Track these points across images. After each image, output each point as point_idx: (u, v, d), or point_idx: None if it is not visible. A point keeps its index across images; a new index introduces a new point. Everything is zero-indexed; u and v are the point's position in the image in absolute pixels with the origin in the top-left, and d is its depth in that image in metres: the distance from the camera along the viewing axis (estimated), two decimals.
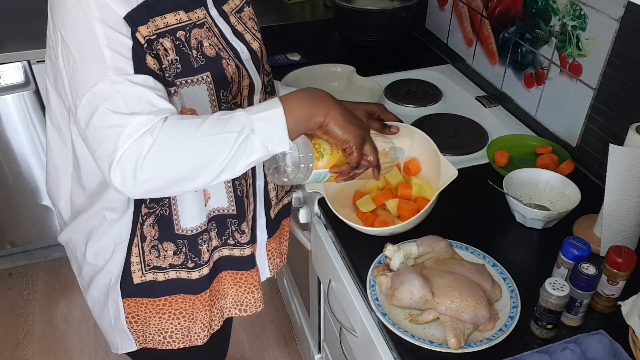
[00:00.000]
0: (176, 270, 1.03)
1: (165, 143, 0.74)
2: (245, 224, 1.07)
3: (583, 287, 0.90)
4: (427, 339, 0.91)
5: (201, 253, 1.03)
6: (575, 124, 1.33)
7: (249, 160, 0.79)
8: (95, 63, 0.76)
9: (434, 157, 1.12)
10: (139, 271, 1.01)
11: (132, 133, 0.74)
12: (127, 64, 0.78)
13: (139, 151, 0.73)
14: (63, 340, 2.13)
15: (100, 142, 0.75)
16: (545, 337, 0.93)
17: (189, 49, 0.86)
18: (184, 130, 0.76)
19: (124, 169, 0.74)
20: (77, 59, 0.77)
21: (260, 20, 2.14)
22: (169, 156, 0.75)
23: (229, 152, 0.76)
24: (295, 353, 2.05)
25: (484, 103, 1.60)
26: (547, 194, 1.20)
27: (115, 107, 0.75)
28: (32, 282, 2.36)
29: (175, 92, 0.87)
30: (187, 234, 1.00)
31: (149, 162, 0.74)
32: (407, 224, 1.05)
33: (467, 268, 0.98)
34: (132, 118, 0.74)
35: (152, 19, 0.82)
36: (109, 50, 0.77)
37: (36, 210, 2.29)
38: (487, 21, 1.61)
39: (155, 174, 0.75)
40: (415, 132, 1.15)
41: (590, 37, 1.23)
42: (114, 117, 0.74)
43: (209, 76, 0.89)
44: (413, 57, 1.92)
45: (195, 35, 0.87)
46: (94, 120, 0.75)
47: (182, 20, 0.86)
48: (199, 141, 0.76)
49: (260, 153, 0.79)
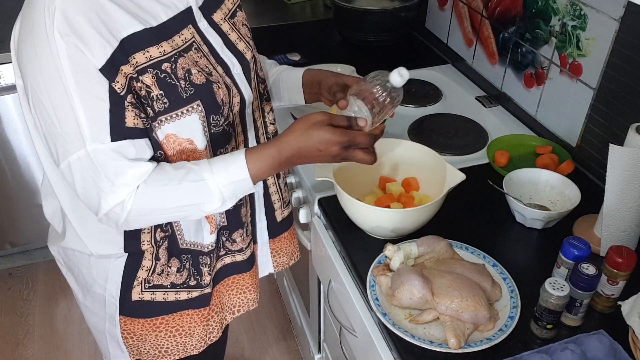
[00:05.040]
0: (176, 291, 1.02)
1: (138, 211, 0.84)
2: (237, 233, 1.06)
3: (583, 287, 0.90)
4: (427, 339, 0.91)
5: (202, 274, 1.03)
6: (575, 124, 1.33)
7: (221, 211, 0.90)
8: (72, 131, 0.78)
9: (438, 166, 1.13)
10: (139, 286, 1.00)
11: (108, 204, 0.83)
12: (104, 131, 0.79)
13: (116, 219, 0.85)
14: (63, 340, 2.12)
15: (84, 199, 0.84)
16: (545, 337, 0.93)
17: (177, 80, 0.84)
18: (155, 200, 0.85)
19: (109, 223, 0.87)
20: (54, 121, 0.78)
21: (260, 20, 2.12)
22: (144, 220, 0.88)
23: (201, 213, 0.89)
24: (295, 353, 2.05)
25: (484, 103, 1.60)
26: (547, 194, 1.20)
27: (93, 176, 0.81)
28: (32, 282, 2.36)
29: (158, 125, 0.85)
30: (191, 249, 1.00)
31: (128, 224, 0.86)
32: (425, 207, 1.05)
33: (467, 268, 0.98)
34: (107, 192, 0.82)
35: (132, 55, 0.80)
36: (86, 119, 0.78)
37: (36, 210, 2.28)
38: (487, 21, 1.61)
39: (138, 225, 0.90)
40: (416, 146, 1.18)
41: (591, 37, 1.23)
42: (92, 186, 0.82)
43: (199, 104, 0.87)
44: (413, 57, 1.92)
45: (182, 64, 0.84)
46: (76, 185, 0.82)
47: (167, 51, 0.83)
48: (170, 209, 0.87)
49: (230, 205, 0.90)
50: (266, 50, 1.26)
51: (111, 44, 0.77)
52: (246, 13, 1.03)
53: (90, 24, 0.76)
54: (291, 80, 1.13)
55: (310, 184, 1.29)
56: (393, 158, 1.21)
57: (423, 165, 1.19)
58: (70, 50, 0.75)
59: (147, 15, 0.82)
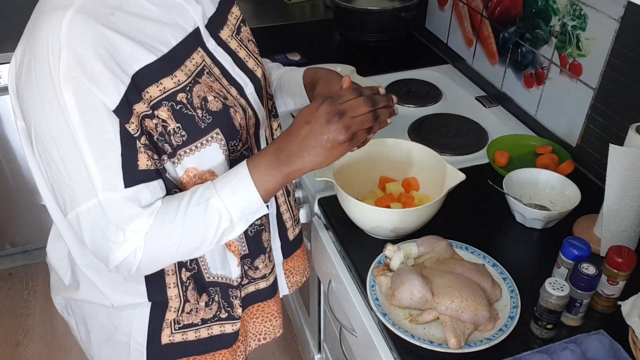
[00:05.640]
0: (208, 326, 0.97)
1: (150, 257, 0.78)
2: (259, 260, 1.00)
3: (583, 287, 0.90)
4: (427, 339, 0.91)
5: (234, 306, 0.98)
6: (575, 124, 1.33)
7: (233, 236, 0.81)
8: (82, 181, 0.72)
9: (438, 166, 1.14)
10: (168, 328, 0.93)
11: (120, 256, 0.76)
12: (116, 178, 0.73)
13: (128, 268, 0.78)
14: (63, 340, 2.12)
15: (93, 250, 0.78)
16: (545, 337, 0.93)
17: (193, 110, 0.78)
18: (165, 238, 0.78)
19: (121, 273, 0.79)
20: (61, 170, 0.72)
21: (260, 20, 2.13)
22: (158, 263, 0.81)
23: (212, 240, 0.80)
24: (295, 353, 2.05)
25: (484, 103, 1.60)
26: (547, 194, 1.20)
27: (103, 227, 0.74)
28: (32, 282, 2.36)
29: (178, 160, 0.80)
30: (219, 281, 0.95)
31: (140, 272, 0.79)
32: (425, 207, 1.05)
33: (467, 268, 0.98)
34: (118, 243, 0.75)
35: (145, 90, 0.74)
36: (97, 166, 0.71)
37: (36, 210, 2.29)
38: (487, 21, 1.61)
39: (151, 270, 0.82)
40: (416, 146, 1.18)
41: (590, 37, 1.23)
42: (102, 237, 0.75)
43: (219, 132, 0.81)
44: (413, 57, 1.92)
45: (197, 92, 0.79)
46: (85, 236, 0.76)
47: (181, 81, 0.77)
48: (182, 242, 0.78)
49: (242, 228, 0.81)
50: (266, 50, 1.26)
51: (124, 81, 0.71)
52: (246, 13, 1.02)
53: (100, 61, 0.69)
54: (293, 83, 1.08)
55: (310, 184, 1.29)
56: (393, 158, 1.21)
57: (423, 165, 1.19)
58: (78, 92, 0.68)
59: (156, 43, 0.76)
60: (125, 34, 0.72)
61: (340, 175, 1.13)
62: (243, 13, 0.99)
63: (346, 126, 0.74)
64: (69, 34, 0.68)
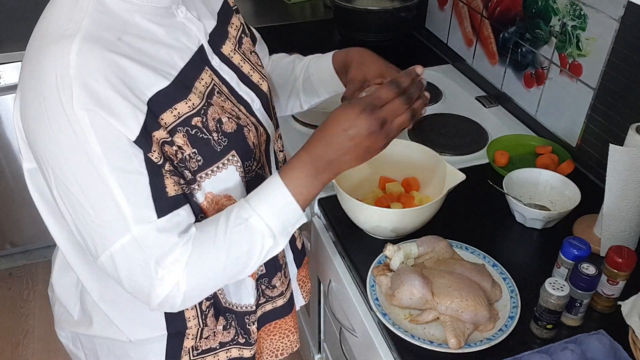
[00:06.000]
0: (226, 349, 0.94)
1: (194, 287, 0.73)
2: (276, 278, 0.97)
3: (583, 287, 0.90)
4: (427, 339, 0.91)
5: (250, 332, 0.95)
6: (575, 124, 1.33)
7: (277, 251, 0.77)
8: (112, 218, 0.67)
9: (438, 166, 1.14)
10: (186, 356, 0.90)
11: (163, 291, 0.71)
12: (148, 209, 0.69)
13: (172, 304, 0.73)
14: None
15: (132, 290, 0.73)
16: (545, 337, 0.93)
17: (209, 134, 0.75)
18: (208, 266, 0.73)
19: (165, 309, 0.75)
20: (88, 210, 0.67)
21: (260, 20, 2.12)
22: (202, 292, 0.77)
23: (258, 259, 0.76)
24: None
25: (484, 103, 1.60)
26: (547, 194, 1.20)
27: (141, 263, 0.70)
28: (32, 282, 2.36)
29: (198, 186, 0.77)
30: (234, 309, 0.92)
31: (185, 304, 0.75)
32: (425, 207, 1.05)
33: (467, 268, 0.98)
34: (160, 278, 0.70)
35: (160, 117, 0.70)
36: (127, 200, 0.67)
37: (36, 210, 2.28)
38: (487, 21, 1.61)
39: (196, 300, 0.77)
40: (416, 146, 1.18)
41: (591, 37, 1.23)
42: (141, 274, 0.70)
43: (234, 155, 0.78)
44: (413, 57, 1.92)
45: (212, 115, 0.75)
46: (121, 276, 0.71)
47: (195, 104, 0.74)
48: (227, 267, 0.74)
49: (285, 241, 0.77)
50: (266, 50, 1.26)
51: (141, 109, 0.67)
52: (246, 13, 1.01)
53: (115, 91, 0.65)
54: (323, 70, 1.01)
55: None
56: (393, 158, 1.21)
57: (423, 165, 1.19)
58: (97, 126, 0.64)
59: (165, 66, 0.73)
60: (134, 59, 0.68)
61: (340, 175, 1.13)
62: (243, 13, 0.97)
63: (386, 134, 0.74)
64: (79, 65, 0.63)
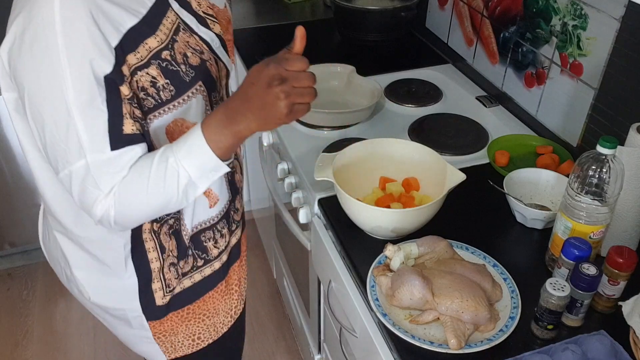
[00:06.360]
0: (189, 276, 1.04)
1: (122, 212, 0.83)
2: (237, 200, 1.09)
3: (584, 287, 0.90)
4: (428, 340, 0.91)
5: (207, 249, 1.05)
6: (576, 124, 1.33)
7: (198, 193, 0.85)
8: (72, 144, 0.78)
9: (439, 166, 1.13)
10: (160, 290, 1.01)
11: (101, 210, 0.83)
12: (103, 140, 0.79)
13: (108, 221, 0.84)
14: (62, 341, 2.12)
15: (81, 204, 0.85)
16: (545, 338, 0.92)
17: (177, 66, 0.85)
18: (133, 196, 0.83)
19: (105, 225, 0.86)
20: (54, 134, 0.78)
21: (260, 20, 2.12)
22: (131, 218, 0.86)
23: (177, 197, 0.84)
24: (295, 353, 2.05)
25: (485, 103, 1.60)
26: (548, 194, 1.20)
27: (90, 186, 0.81)
28: (31, 283, 2.36)
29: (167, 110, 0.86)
30: (193, 232, 1.01)
31: (119, 224, 0.86)
32: (425, 207, 1.05)
33: (468, 268, 0.97)
34: (100, 199, 0.82)
35: (136, 51, 0.80)
36: (85, 133, 0.77)
37: (35, 210, 2.27)
38: (487, 21, 1.61)
39: (127, 223, 0.88)
40: (416, 146, 1.18)
41: (591, 36, 1.23)
42: (87, 195, 0.82)
43: (201, 85, 0.89)
44: (413, 57, 1.92)
45: (178, 49, 0.86)
46: (74, 192, 0.83)
47: (163, 39, 0.84)
48: (149, 200, 0.83)
49: (205, 185, 0.84)
50: (266, 50, 1.26)
51: (115, 43, 0.77)
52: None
53: (94, 26, 0.74)
54: None
55: (310, 184, 1.29)
56: (393, 158, 1.21)
57: (423, 165, 1.19)
58: (73, 60, 0.74)
59: (135, 5, 0.81)
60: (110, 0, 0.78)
61: (340, 175, 1.13)
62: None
63: (286, 93, 0.75)
64: (62, 4, 0.72)
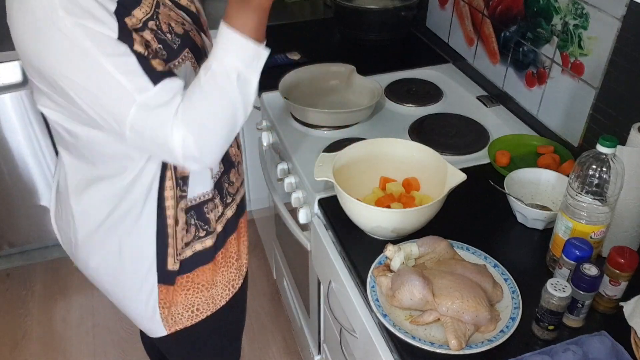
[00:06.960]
0: (191, 246, 1.07)
1: (198, 133, 0.85)
2: (232, 173, 1.12)
3: (585, 288, 0.90)
4: (428, 340, 0.90)
5: (209, 221, 1.07)
6: (577, 124, 1.32)
7: (253, 87, 0.87)
8: (118, 93, 0.82)
9: (439, 166, 1.13)
10: (172, 257, 1.04)
11: (176, 145, 0.85)
12: (143, 79, 0.82)
13: (190, 151, 0.85)
14: (61, 341, 2.12)
15: (162, 153, 0.88)
16: (546, 338, 0.92)
17: (164, 34, 0.90)
18: (198, 112, 0.85)
19: (194, 165, 0.89)
20: (99, 95, 0.82)
21: None
22: (208, 137, 0.87)
23: (237, 97, 0.86)
24: (295, 354, 2.04)
25: (485, 102, 1.60)
26: (549, 194, 1.20)
27: (155, 125, 0.84)
28: (30, 283, 2.36)
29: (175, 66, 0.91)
30: (194, 204, 1.04)
31: (202, 151, 0.87)
32: (426, 207, 1.04)
33: (468, 269, 0.97)
34: (170, 133, 0.84)
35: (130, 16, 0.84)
36: (124, 77, 0.81)
37: (34, 210, 2.28)
38: (488, 20, 1.60)
39: (208, 150, 0.88)
40: (416, 146, 1.17)
41: (592, 36, 1.23)
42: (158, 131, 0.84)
43: (189, 52, 0.93)
44: (414, 56, 1.92)
45: (163, 20, 0.90)
46: (146, 142, 0.86)
47: (147, 11, 0.88)
48: (215, 110, 0.85)
49: (255, 76, 0.87)
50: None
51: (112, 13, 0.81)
52: None
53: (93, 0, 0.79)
54: None
55: (310, 184, 1.29)
56: (393, 158, 1.21)
57: (424, 165, 1.18)
58: (87, 30, 0.78)
59: None
60: None
61: (340, 175, 1.13)
62: None
63: None
64: None
